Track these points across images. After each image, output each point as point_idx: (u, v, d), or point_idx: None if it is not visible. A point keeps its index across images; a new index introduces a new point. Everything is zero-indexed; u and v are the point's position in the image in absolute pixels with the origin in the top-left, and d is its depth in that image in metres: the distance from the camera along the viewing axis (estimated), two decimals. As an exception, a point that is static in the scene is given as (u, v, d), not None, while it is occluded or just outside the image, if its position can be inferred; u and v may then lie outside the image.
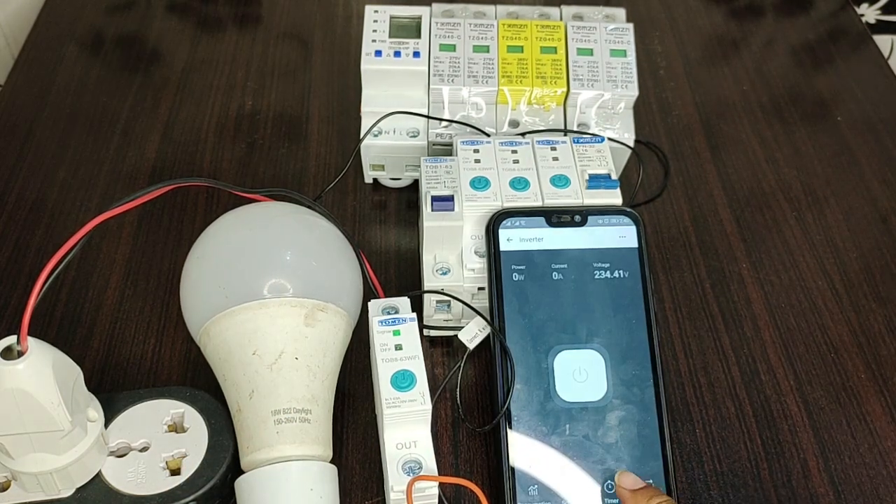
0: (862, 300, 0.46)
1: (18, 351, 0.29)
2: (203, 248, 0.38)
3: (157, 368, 0.41)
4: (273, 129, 0.53)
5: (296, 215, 0.38)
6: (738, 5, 0.64)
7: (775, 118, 0.56)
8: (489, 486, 0.38)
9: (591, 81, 0.45)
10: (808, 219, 0.50)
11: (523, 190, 0.40)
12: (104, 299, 0.44)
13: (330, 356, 0.36)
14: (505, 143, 0.42)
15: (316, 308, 0.36)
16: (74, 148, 0.51)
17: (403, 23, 0.46)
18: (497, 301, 0.38)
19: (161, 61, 0.58)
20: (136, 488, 0.34)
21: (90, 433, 0.33)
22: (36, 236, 0.47)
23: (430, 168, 0.41)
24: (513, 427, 0.36)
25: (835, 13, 0.64)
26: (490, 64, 0.45)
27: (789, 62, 0.60)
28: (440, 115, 0.45)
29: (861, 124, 0.55)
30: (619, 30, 0.47)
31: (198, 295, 0.37)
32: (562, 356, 0.37)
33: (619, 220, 0.40)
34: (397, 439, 0.34)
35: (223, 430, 0.35)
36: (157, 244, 0.47)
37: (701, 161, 0.53)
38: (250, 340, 0.35)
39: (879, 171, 0.53)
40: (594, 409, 0.36)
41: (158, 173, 0.50)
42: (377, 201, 0.49)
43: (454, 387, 0.41)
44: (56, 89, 0.55)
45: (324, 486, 0.34)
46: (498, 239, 0.39)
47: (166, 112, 0.54)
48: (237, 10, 0.62)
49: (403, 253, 0.47)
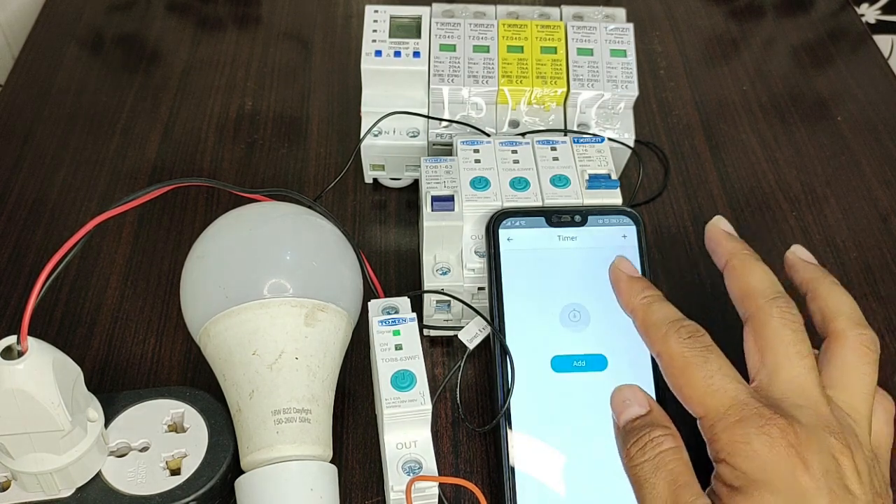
0: (862, 300, 0.46)
1: (18, 351, 0.29)
2: (203, 248, 0.38)
3: (157, 368, 0.41)
4: (273, 129, 0.53)
5: (296, 215, 0.38)
6: (738, 5, 0.64)
7: (775, 118, 0.56)
8: (489, 486, 0.38)
9: (591, 81, 0.45)
10: (808, 219, 0.50)
11: (523, 190, 0.40)
12: (104, 299, 0.44)
13: (330, 356, 0.37)
14: (505, 143, 0.43)
15: (316, 308, 0.36)
16: (74, 148, 0.51)
17: (403, 23, 0.46)
18: (497, 301, 0.38)
19: (161, 61, 0.58)
20: (136, 488, 0.34)
21: (90, 433, 0.33)
22: (36, 236, 0.47)
23: (430, 168, 0.41)
24: (513, 427, 0.36)
25: (835, 13, 0.64)
26: (490, 64, 0.45)
27: (789, 62, 0.60)
28: (440, 115, 0.45)
29: (861, 124, 0.55)
30: (619, 30, 0.47)
31: (198, 295, 0.37)
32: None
33: (619, 220, 0.40)
34: (397, 439, 0.34)
35: (223, 430, 0.35)
36: (157, 244, 0.47)
37: (701, 161, 0.53)
38: (250, 340, 0.35)
39: (879, 171, 0.53)
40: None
41: (158, 173, 0.50)
42: (377, 201, 0.49)
43: (454, 387, 0.41)
44: (56, 89, 0.55)
45: (324, 486, 0.34)
46: (498, 239, 0.39)
47: (166, 112, 0.54)
48: (237, 10, 0.62)
49: (403, 253, 0.47)
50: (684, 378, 0.31)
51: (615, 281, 0.36)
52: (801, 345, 0.31)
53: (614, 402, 0.32)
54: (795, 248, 0.37)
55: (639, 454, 0.30)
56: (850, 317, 0.33)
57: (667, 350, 0.32)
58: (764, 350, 0.32)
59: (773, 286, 0.33)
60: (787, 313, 0.32)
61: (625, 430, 0.32)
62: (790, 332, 0.32)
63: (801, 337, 0.32)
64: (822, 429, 0.29)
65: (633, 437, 0.31)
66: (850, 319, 0.33)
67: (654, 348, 0.33)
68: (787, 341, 0.31)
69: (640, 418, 0.31)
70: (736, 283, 0.34)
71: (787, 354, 0.31)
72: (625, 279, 0.35)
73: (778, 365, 0.31)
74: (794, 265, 0.36)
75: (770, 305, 0.32)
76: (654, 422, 0.31)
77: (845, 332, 0.33)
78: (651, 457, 0.30)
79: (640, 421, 0.31)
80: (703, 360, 0.31)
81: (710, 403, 0.30)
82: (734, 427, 0.29)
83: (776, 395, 0.31)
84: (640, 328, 0.34)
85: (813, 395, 0.30)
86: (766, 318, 0.32)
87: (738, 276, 0.34)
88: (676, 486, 0.29)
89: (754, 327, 0.33)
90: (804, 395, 0.30)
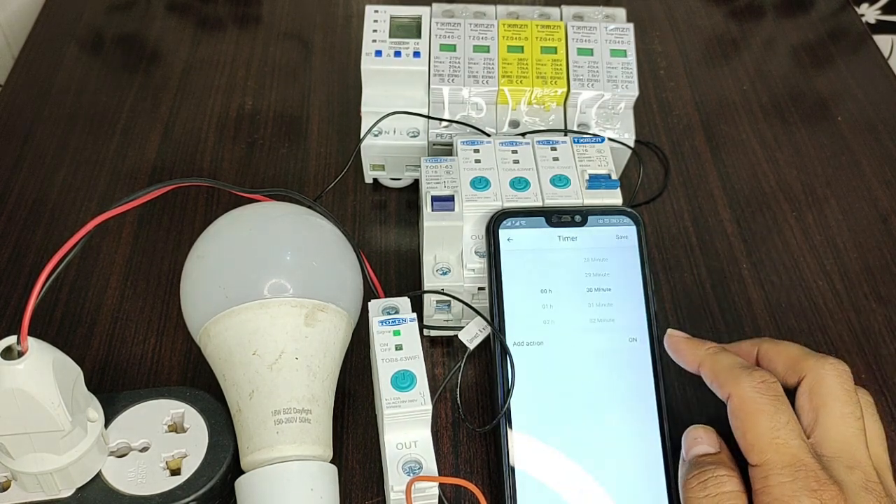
0: (862, 300, 0.46)
1: (18, 351, 0.29)
2: (203, 248, 0.38)
3: (157, 368, 0.41)
4: (273, 129, 0.53)
5: (296, 215, 0.38)
6: (738, 5, 0.64)
7: (775, 118, 0.56)
8: (489, 487, 0.38)
9: (592, 81, 0.45)
10: (808, 219, 0.50)
11: (523, 190, 0.40)
12: (104, 299, 0.44)
13: (330, 356, 0.37)
14: (505, 143, 0.42)
15: (316, 308, 0.36)
16: (74, 148, 0.51)
17: (403, 23, 0.46)
18: (497, 301, 0.38)
19: (161, 61, 0.58)
20: (136, 488, 0.34)
21: (90, 433, 0.33)
22: (36, 236, 0.47)
23: (430, 168, 0.41)
24: (513, 427, 0.36)
25: (835, 13, 0.64)
26: (490, 64, 0.45)
27: (789, 62, 0.60)
28: (440, 115, 0.45)
29: (861, 124, 0.55)
30: (619, 30, 0.47)
31: (198, 295, 0.37)
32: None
33: (620, 220, 0.40)
34: (397, 439, 0.34)
35: (223, 430, 0.35)
36: (157, 244, 0.47)
37: (701, 161, 0.53)
38: (250, 340, 0.35)
39: (879, 171, 0.53)
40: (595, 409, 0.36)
41: (158, 173, 0.50)
42: (377, 201, 0.49)
43: (454, 387, 0.41)
44: (56, 89, 0.55)
45: (324, 486, 0.34)
46: (498, 239, 0.39)
47: (166, 112, 0.54)
48: (237, 10, 0.62)
49: (403, 253, 0.47)
50: (751, 422, 0.31)
51: (674, 346, 0.36)
52: (855, 406, 0.32)
53: (687, 439, 0.33)
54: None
55: (699, 487, 0.31)
56: (810, 358, 0.34)
57: (739, 392, 0.32)
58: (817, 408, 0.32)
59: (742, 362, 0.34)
60: (763, 384, 0.32)
61: (691, 462, 0.32)
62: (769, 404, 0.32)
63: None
64: (866, 491, 0.30)
65: (697, 470, 0.32)
66: (814, 359, 0.34)
67: (726, 389, 0.33)
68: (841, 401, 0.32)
69: (709, 455, 0.32)
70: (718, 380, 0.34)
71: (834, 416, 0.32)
72: (683, 340, 0.36)
73: (828, 428, 0.32)
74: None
75: (750, 378, 0.33)
76: (721, 462, 0.32)
77: (821, 374, 0.33)
78: (711, 493, 0.31)
79: (708, 458, 0.32)
80: (774, 409, 0.31)
81: (771, 455, 0.31)
82: (789, 485, 0.30)
83: (828, 455, 0.31)
84: (710, 374, 0.34)
85: (860, 460, 0.31)
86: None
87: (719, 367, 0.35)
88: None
89: (807, 389, 0.33)
90: (852, 459, 0.31)
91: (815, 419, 0.32)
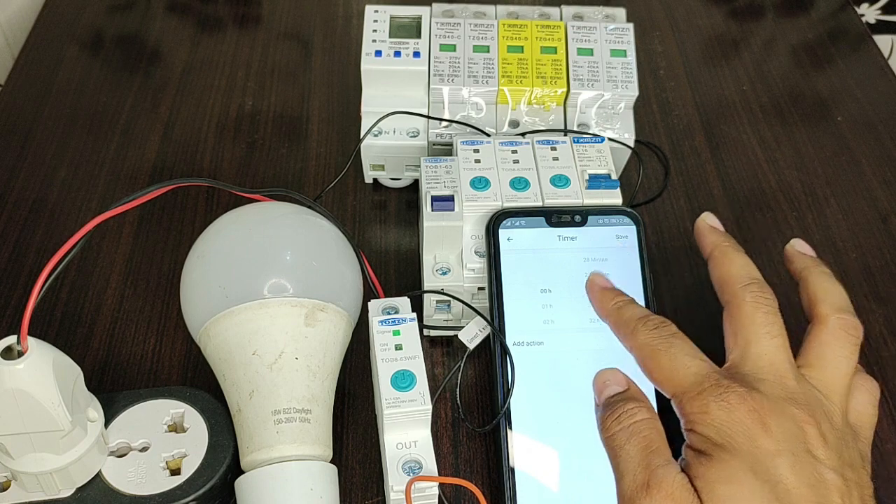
0: (862, 300, 0.46)
1: (18, 351, 0.29)
2: (203, 247, 0.38)
3: (157, 368, 0.41)
4: (273, 129, 0.53)
5: (296, 215, 0.38)
6: (738, 5, 0.64)
7: (775, 118, 0.56)
8: (489, 487, 0.38)
9: (591, 81, 0.45)
10: (808, 219, 0.50)
11: (523, 190, 0.40)
12: (104, 299, 0.44)
13: (330, 356, 0.37)
14: (505, 143, 0.42)
15: (316, 308, 0.36)
16: (74, 148, 0.51)
17: (403, 23, 0.46)
18: (497, 301, 0.38)
19: (161, 61, 0.58)
20: (136, 488, 0.34)
21: (90, 433, 0.33)
22: (36, 236, 0.47)
23: (430, 168, 0.41)
24: (513, 427, 0.36)
25: (835, 13, 0.64)
26: (490, 64, 0.45)
27: (789, 62, 0.60)
28: (440, 115, 0.45)
29: (861, 124, 0.55)
30: (619, 30, 0.47)
31: (198, 295, 0.37)
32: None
33: (619, 220, 0.40)
34: (397, 439, 0.34)
35: (223, 430, 0.35)
36: (157, 244, 0.47)
37: (701, 161, 0.53)
38: (250, 340, 0.35)
39: (879, 171, 0.53)
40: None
41: (158, 173, 0.50)
42: (377, 201, 0.49)
43: (454, 387, 0.41)
44: (56, 89, 0.55)
45: (324, 485, 0.34)
46: (498, 239, 0.39)
47: (166, 112, 0.54)
48: (237, 10, 0.62)
49: (403, 253, 0.47)
50: (653, 363, 0.33)
51: (590, 293, 0.38)
52: (771, 326, 0.33)
53: (596, 384, 0.34)
54: (795, 241, 0.39)
55: (614, 424, 0.32)
56: (834, 303, 0.35)
57: (636, 342, 0.34)
58: (737, 332, 0.33)
59: (750, 274, 0.35)
60: (760, 297, 0.34)
61: (603, 405, 0.33)
62: (762, 314, 0.33)
63: (772, 319, 0.33)
64: (785, 399, 0.31)
65: (609, 410, 0.32)
66: (833, 305, 0.35)
67: (626, 343, 0.35)
68: (758, 322, 0.33)
69: (618, 394, 0.33)
70: (716, 272, 0.36)
71: (757, 334, 0.33)
72: (598, 289, 0.37)
73: (748, 344, 0.33)
74: (790, 256, 0.38)
75: (744, 291, 0.34)
76: (630, 396, 0.33)
77: (827, 316, 0.34)
78: (626, 426, 0.31)
79: (618, 396, 0.33)
80: (668, 344, 0.33)
81: (677, 381, 0.32)
82: (696, 398, 0.31)
83: (744, 371, 0.32)
84: (613, 329, 0.36)
85: (780, 370, 0.32)
86: (739, 303, 0.34)
87: (719, 265, 0.36)
88: (649, 452, 0.30)
89: (730, 311, 0.34)
90: (770, 370, 0.32)
91: (734, 342, 0.33)
